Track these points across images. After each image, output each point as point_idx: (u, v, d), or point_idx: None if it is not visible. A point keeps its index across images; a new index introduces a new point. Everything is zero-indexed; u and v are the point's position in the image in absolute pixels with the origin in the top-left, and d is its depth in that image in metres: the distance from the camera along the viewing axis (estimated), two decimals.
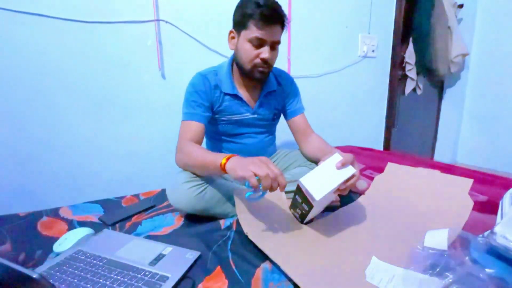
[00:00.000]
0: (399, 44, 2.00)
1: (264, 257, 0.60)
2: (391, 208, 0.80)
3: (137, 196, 1.01)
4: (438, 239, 0.55)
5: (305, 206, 0.68)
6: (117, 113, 1.18)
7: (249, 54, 0.85)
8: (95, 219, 0.82)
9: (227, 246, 0.67)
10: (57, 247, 0.65)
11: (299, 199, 0.70)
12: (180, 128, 0.88)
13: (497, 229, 0.52)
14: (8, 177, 1.04)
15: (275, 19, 0.81)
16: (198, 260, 0.61)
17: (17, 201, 1.05)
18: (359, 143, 1.76)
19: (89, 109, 1.13)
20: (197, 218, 0.80)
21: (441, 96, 2.56)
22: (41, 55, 1.02)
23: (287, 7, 1.47)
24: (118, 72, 1.15)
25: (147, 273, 0.55)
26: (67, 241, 0.65)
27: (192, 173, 0.79)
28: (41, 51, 1.01)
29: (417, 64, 2.17)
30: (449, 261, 0.49)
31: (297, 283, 0.51)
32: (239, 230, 0.72)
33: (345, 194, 0.68)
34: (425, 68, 2.21)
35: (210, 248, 0.65)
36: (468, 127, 2.52)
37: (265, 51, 0.84)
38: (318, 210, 0.74)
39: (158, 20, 1.18)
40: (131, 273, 0.55)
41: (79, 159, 1.14)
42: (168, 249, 0.64)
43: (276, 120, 1.08)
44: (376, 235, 0.69)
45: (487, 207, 0.76)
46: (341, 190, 0.66)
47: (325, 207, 0.78)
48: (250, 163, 0.62)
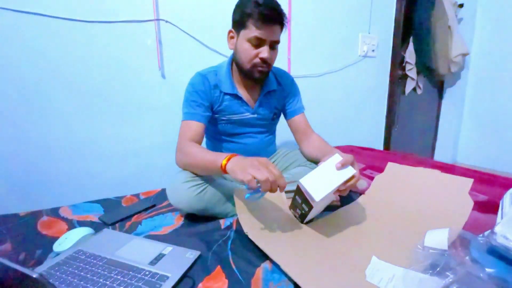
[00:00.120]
0: (399, 43, 2.00)
1: (264, 256, 0.60)
2: (391, 208, 0.80)
3: (137, 195, 1.01)
4: (438, 238, 0.55)
5: (305, 207, 0.68)
6: (117, 113, 1.18)
7: (248, 53, 0.84)
8: (95, 218, 0.82)
9: (227, 245, 0.67)
10: (57, 246, 0.65)
11: (299, 199, 0.70)
12: (180, 128, 0.88)
13: (497, 229, 0.52)
14: (8, 177, 1.04)
15: (274, 19, 0.81)
16: (198, 259, 0.61)
17: (17, 201, 1.05)
18: (359, 142, 1.76)
19: (89, 108, 1.13)
20: (197, 217, 0.80)
21: (441, 96, 2.55)
22: (40, 55, 1.02)
23: (287, 7, 1.46)
24: (118, 72, 1.15)
25: (147, 272, 0.55)
26: (67, 241, 0.65)
27: (192, 173, 0.79)
28: (40, 50, 1.01)
29: (417, 64, 2.17)
30: (449, 261, 0.49)
31: (297, 282, 0.51)
32: (239, 230, 0.72)
33: (345, 194, 0.69)
34: (425, 67, 2.21)
35: (210, 248, 0.65)
36: (468, 127, 2.52)
37: (264, 51, 0.83)
38: (318, 210, 0.74)
39: (158, 20, 1.18)
40: (131, 272, 0.55)
41: (79, 158, 1.14)
42: (168, 248, 0.64)
43: (276, 119, 1.08)
44: (376, 234, 0.69)
45: (487, 207, 0.76)
46: (341, 191, 0.66)
47: (325, 207, 0.78)
48: (249, 166, 0.61)
